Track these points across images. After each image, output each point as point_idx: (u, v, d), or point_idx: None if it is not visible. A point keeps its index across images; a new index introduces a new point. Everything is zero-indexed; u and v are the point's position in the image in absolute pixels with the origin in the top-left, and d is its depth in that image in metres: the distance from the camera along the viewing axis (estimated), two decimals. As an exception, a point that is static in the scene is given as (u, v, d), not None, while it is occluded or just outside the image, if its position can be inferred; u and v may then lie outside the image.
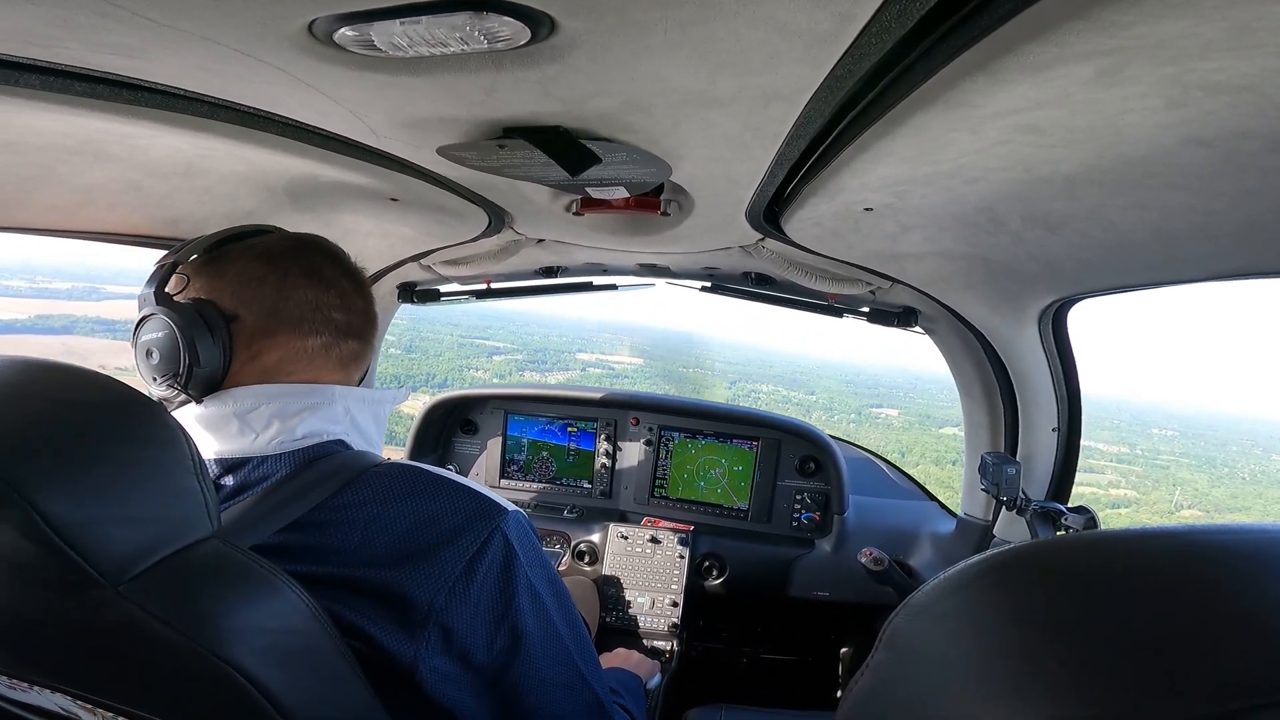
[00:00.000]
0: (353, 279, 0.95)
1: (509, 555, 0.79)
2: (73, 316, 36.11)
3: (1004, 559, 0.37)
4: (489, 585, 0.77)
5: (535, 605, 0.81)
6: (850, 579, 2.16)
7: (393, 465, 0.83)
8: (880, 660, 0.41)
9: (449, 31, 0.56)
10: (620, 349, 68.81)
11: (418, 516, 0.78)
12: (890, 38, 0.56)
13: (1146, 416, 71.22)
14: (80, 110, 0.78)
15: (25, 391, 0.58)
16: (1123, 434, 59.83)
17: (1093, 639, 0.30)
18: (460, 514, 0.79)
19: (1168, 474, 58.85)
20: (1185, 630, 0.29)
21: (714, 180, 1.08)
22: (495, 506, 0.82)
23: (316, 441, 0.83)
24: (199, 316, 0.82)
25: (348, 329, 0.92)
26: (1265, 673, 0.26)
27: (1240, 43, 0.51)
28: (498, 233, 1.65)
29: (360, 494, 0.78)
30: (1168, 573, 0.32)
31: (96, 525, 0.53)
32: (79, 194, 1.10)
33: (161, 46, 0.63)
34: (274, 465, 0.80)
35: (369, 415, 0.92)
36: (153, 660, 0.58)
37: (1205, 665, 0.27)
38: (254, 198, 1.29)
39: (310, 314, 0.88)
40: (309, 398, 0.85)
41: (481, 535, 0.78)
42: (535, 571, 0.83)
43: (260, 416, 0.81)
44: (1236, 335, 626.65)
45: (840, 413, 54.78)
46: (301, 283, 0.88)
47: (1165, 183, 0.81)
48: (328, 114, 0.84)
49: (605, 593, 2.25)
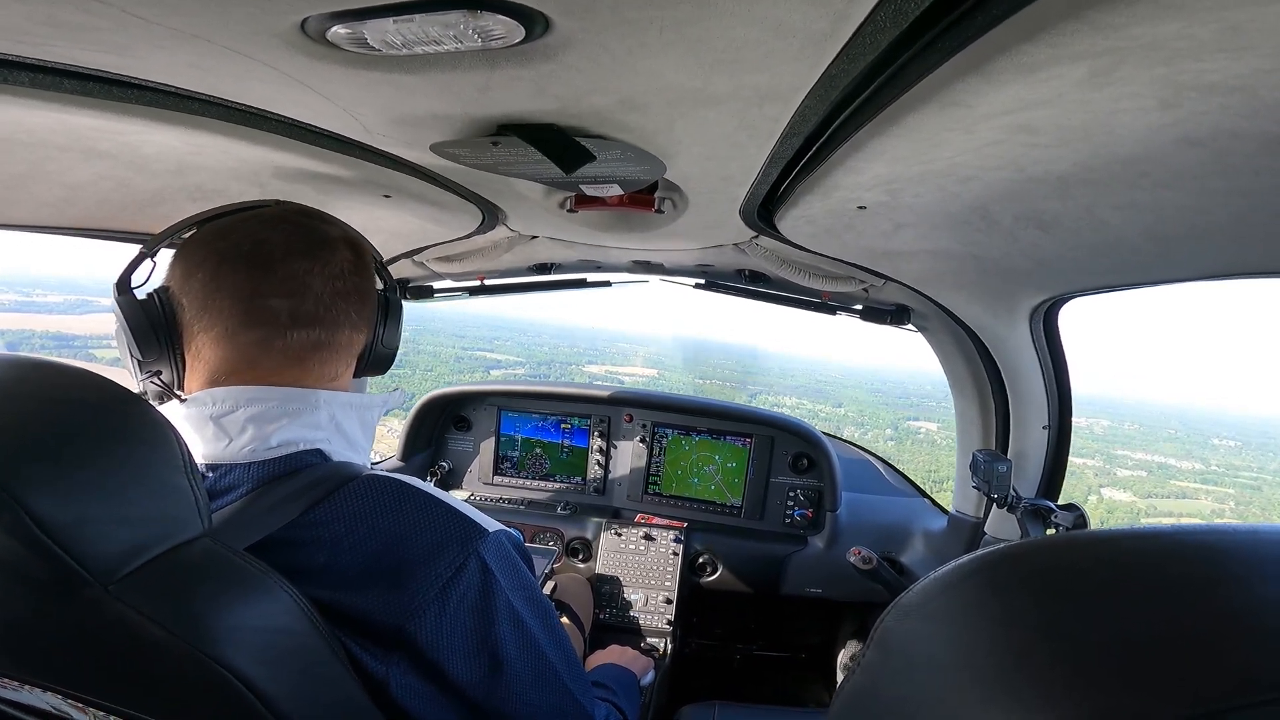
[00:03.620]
0: (306, 255, 0.82)
1: (486, 580, 0.77)
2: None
3: (993, 559, 0.37)
4: (464, 611, 0.75)
5: (517, 631, 0.79)
6: (842, 576, 2.17)
7: (370, 480, 0.79)
8: (870, 660, 0.42)
9: (443, 29, 0.56)
10: (633, 360, 65.75)
11: (390, 535, 0.75)
12: (885, 37, 0.56)
13: (1199, 424, 62.85)
14: (70, 107, 0.77)
15: (13, 390, 0.58)
16: (1187, 446, 53.02)
17: (1081, 639, 0.30)
18: (436, 535, 0.76)
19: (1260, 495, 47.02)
20: (1174, 629, 0.29)
21: (708, 178, 1.08)
22: (474, 529, 0.79)
23: (290, 452, 0.79)
24: (140, 308, 0.79)
25: (296, 316, 0.81)
26: (1255, 671, 0.27)
27: (1233, 44, 0.51)
28: (491, 229, 1.64)
29: (332, 511, 0.75)
30: (1157, 572, 0.32)
31: (86, 525, 0.53)
32: (69, 191, 1.09)
33: (152, 44, 0.62)
34: (240, 476, 0.76)
35: (355, 421, 0.87)
36: (144, 660, 0.58)
37: (1195, 664, 0.28)
38: (245, 194, 1.28)
39: (242, 302, 0.79)
40: (290, 403, 0.80)
41: (458, 560, 0.75)
42: (516, 595, 0.80)
43: (235, 421, 0.77)
44: (1225, 331, 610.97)
45: (873, 427, 48.86)
46: (237, 266, 0.79)
47: (1158, 182, 0.81)
48: (321, 111, 0.83)
49: (599, 589, 2.25)
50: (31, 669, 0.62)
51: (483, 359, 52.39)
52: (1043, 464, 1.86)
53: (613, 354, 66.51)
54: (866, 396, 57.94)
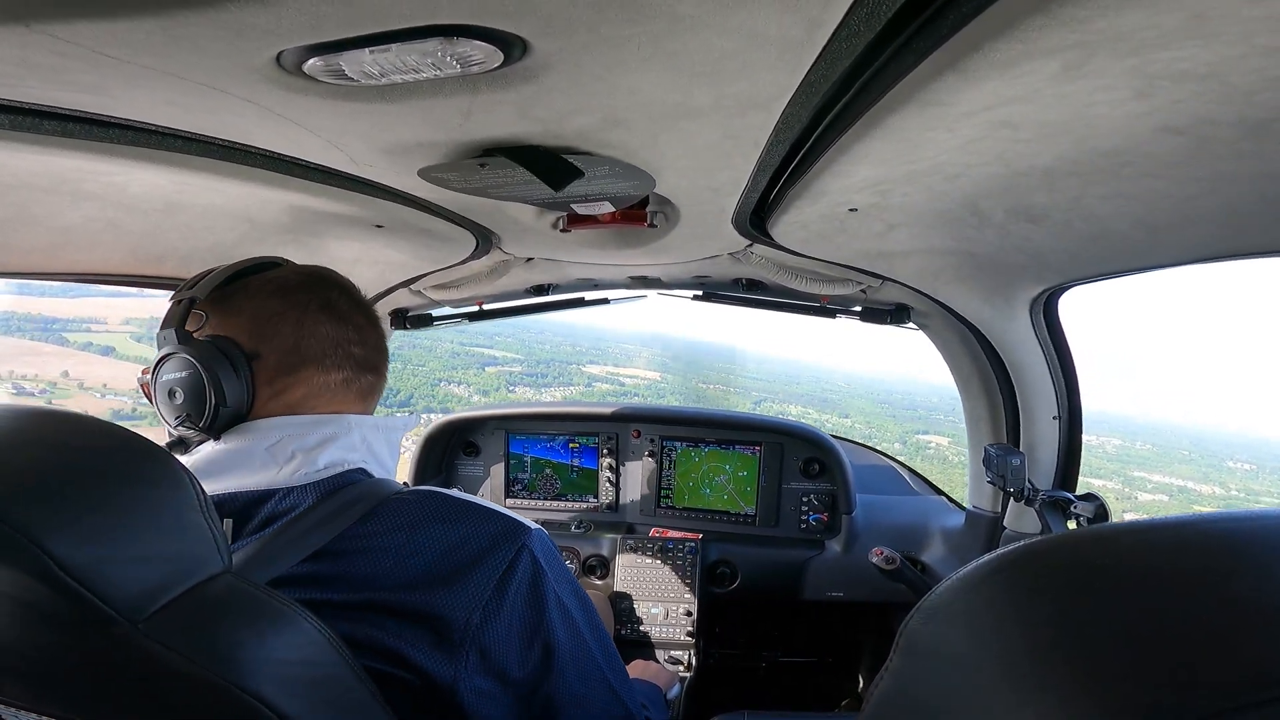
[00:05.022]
0: (365, 312, 0.96)
1: (537, 572, 0.81)
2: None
3: (1014, 557, 0.37)
4: (519, 602, 0.79)
5: (565, 619, 0.83)
6: (863, 578, 2.15)
7: (416, 492, 0.84)
8: (897, 665, 0.41)
9: (420, 58, 0.56)
10: (636, 361, 63.75)
11: (447, 541, 0.79)
12: (860, 41, 0.57)
13: (1213, 445, 59.26)
14: (52, 149, 0.78)
15: (27, 439, 0.59)
16: (1203, 469, 50.57)
17: (1104, 635, 0.30)
18: (487, 535, 0.81)
19: (1290, 528, 47.57)
20: (1198, 623, 0.29)
21: (698, 189, 1.08)
22: (520, 526, 0.84)
23: (338, 471, 0.83)
24: (222, 354, 0.82)
25: (365, 363, 0.93)
26: (1271, 664, 0.26)
27: (1199, 31, 0.52)
28: (486, 254, 1.65)
29: (386, 521, 0.79)
30: (1178, 565, 0.32)
31: (108, 565, 0.54)
32: (58, 235, 1.09)
33: (126, 83, 0.63)
34: (300, 496, 0.80)
35: (383, 442, 0.92)
36: (176, 694, 0.59)
37: (1219, 659, 0.27)
38: (236, 230, 1.29)
39: (332, 350, 0.89)
40: (327, 428, 0.85)
41: (509, 554, 0.80)
42: (563, 586, 0.84)
43: (283, 449, 0.82)
44: (1230, 349, 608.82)
45: (883, 441, 44.77)
46: (320, 318, 0.89)
47: (1141, 171, 0.81)
48: (304, 144, 0.84)
49: (618, 606, 2.24)
50: (62, 706, 0.63)
51: (479, 355, 50.19)
52: (1056, 454, 1.84)
53: (615, 354, 64.70)
54: (873, 407, 56.34)
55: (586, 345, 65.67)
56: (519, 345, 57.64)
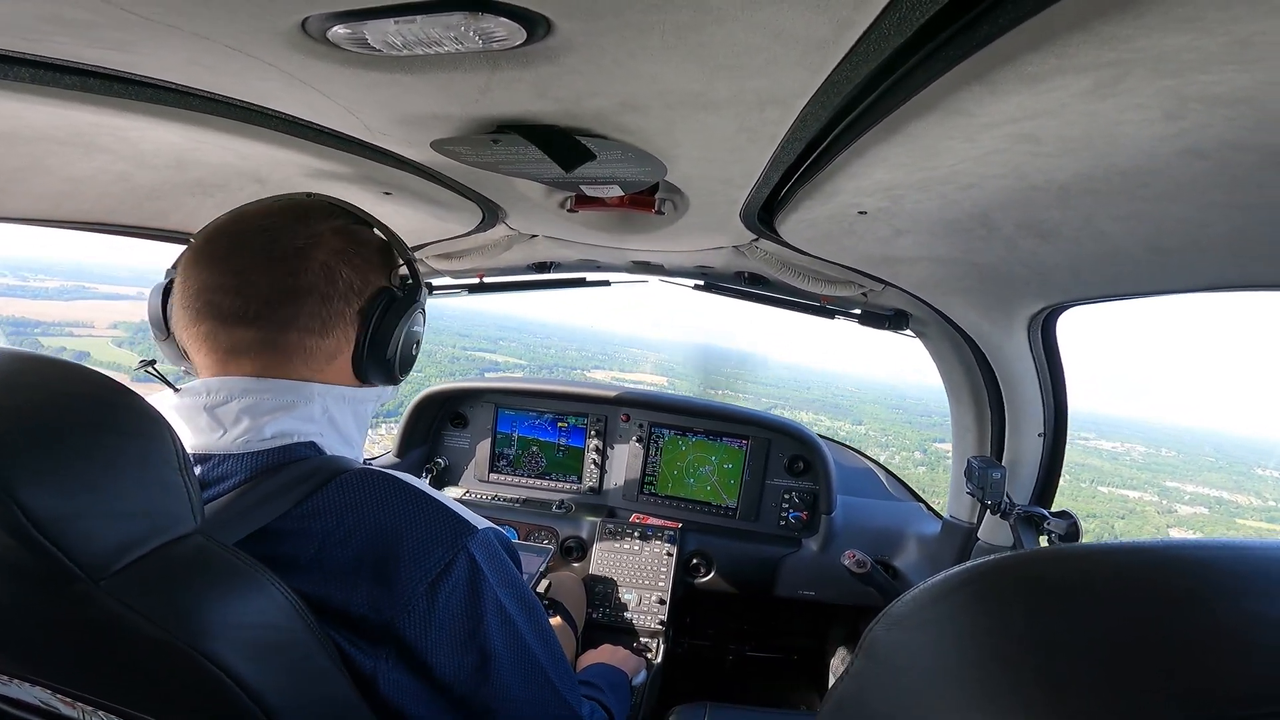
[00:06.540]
0: (263, 249, 0.79)
1: (475, 576, 0.77)
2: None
3: (983, 570, 0.37)
4: (454, 607, 0.75)
5: (505, 627, 0.79)
6: (836, 579, 2.17)
7: (361, 473, 0.79)
8: (859, 668, 0.42)
9: (443, 31, 0.56)
10: (643, 366, 62.62)
11: (379, 529, 0.75)
12: (889, 45, 0.56)
13: (1238, 451, 57.56)
14: (71, 103, 0.77)
15: (6, 384, 0.57)
16: (1235, 478, 48.88)
17: (1069, 651, 0.30)
18: (426, 531, 0.76)
19: (1332, 540, 46.05)
20: (1162, 643, 0.29)
21: (708, 180, 1.08)
22: (463, 526, 0.79)
23: (284, 444, 0.79)
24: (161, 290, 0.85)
25: (242, 314, 0.78)
26: (1241, 685, 0.27)
27: (1240, 56, 0.51)
28: (491, 227, 1.64)
29: (322, 503, 0.75)
30: (1145, 586, 0.32)
31: (78, 519, 0.53)
32: (68, 184, 1.09)
33: (153, 41, 0.62)
34: (233, 466, 0.76)
35: (349, 414, 0.88)
36: (133, 655, 0.58)
37: (1181, 678, 0.28)
38: (245, 189, 1.28)
39: (192, 299, 0.79)
40: (284, 395, 0.80)
41: (446, 556, 0.76)
42: (504, 591, 0.80)
43: (229, 412, 0.78)
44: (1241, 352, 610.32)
45: (899, 449, 43.88)
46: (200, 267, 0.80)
47: (1159, 193, 0.81)
48: (321, 109, 0.83)
49: (593, 589, 2.25)
50: (19, 663, 0.62)
51: (480, 360, 49.55)
52: (1037, 471, 1.86)
53: (621, 359, 63.86)
54: (887, 414, 54.20)
55: (592, 350, 64.58)
56: (523, 350, 56.60)
